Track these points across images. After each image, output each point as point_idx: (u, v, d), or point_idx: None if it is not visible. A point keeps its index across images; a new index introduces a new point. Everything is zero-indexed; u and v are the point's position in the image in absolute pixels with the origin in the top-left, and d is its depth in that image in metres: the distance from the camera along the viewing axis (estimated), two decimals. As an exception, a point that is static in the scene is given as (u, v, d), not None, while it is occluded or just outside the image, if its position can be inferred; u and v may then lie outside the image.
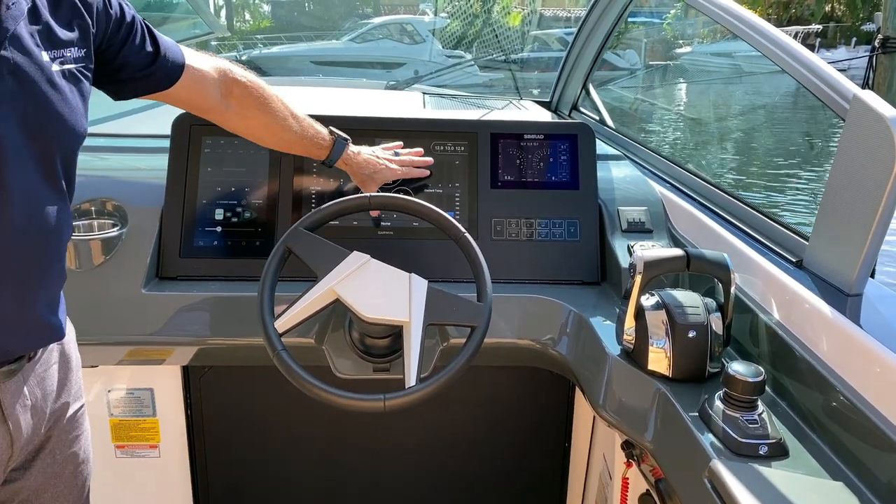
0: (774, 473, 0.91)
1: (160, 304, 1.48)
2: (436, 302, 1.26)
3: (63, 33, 0.97)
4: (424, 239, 1.58)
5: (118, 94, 1.20)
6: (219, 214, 1.59)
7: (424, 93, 2.78)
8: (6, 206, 0.89)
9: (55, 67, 0.95)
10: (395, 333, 1.38)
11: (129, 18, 1.12)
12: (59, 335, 1.06)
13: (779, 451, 0.96)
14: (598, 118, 2.50)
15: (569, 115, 2.60)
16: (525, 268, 1.59)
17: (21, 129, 0.90)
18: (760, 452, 0.95)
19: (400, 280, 1.28)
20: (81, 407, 1.18)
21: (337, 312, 1.47)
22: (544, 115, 2.51)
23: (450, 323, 1.33)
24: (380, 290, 1.27)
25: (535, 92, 2.87)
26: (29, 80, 0.90)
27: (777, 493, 0.87)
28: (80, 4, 1.01)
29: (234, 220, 1.59)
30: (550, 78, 2.73)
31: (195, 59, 1.26)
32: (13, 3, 0.89)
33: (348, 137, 1.51)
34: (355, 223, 1.60)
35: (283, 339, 1.23)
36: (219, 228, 1.59)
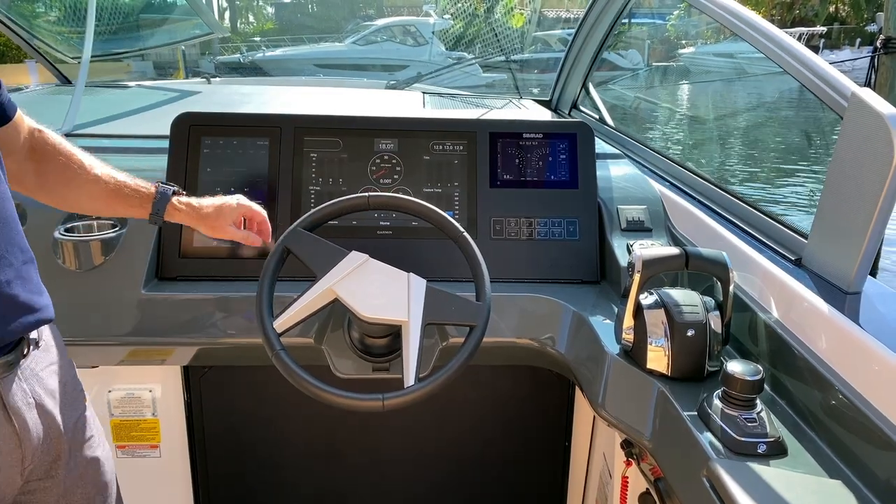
0: (773, 472, 0.91)
1: (160, 305, 1.49)
2: (435, 301, 1.26)
3: None
4: (423, 238, 1.58)
5: None
6: (218, 214, 1.59)
7: (424, 92, 2.79)
8: None
9: None
10: (393, 333, 1.38)
11: None
12: (44, 315, 1.04)
13: (777, 450, 0.96)
14: (597, 117, 2.50)
15: (568, 114, 2.60)
16: (524, 267, 1.59)
17: None
18: (759, 451, 0.95)
19: (399, 279, 1.28)
20: (85, 409, 1.19)
21: (336, 312, 1.47)
22: (544, 114, 2.51)
23: (449, 322, 1.33)
24: (378, 290, 1.27)
25: (535, 91, 2.87)
26: None
27: (775, 491, 0.87)
28: None
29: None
30: (551, 79, 2.73)
31: (22, 117, 1.18)
32: None
33: (175, 186, 1.33)
34: (354, 223, 1.60)
35: (283, 339, 1.23)
36: None
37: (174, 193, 1.32)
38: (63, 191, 1.25)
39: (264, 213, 1.42)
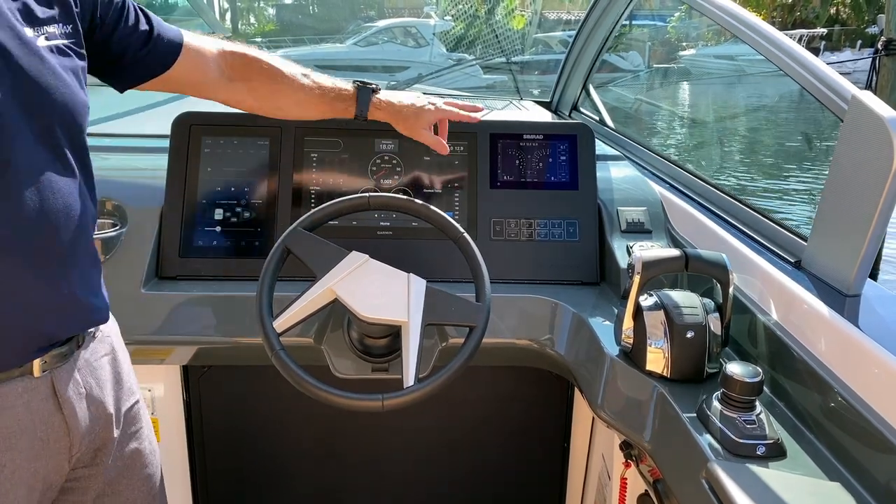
0: (772, 474, 0.91)
1: (159, 304, 1.49)
2: (434, 302, 1.26)
3: (42, 11, 0.97)
4: (423, 239, 1.58)
5: (121, 82, 1.20)
6: (218, 214, 1.60)
7: (425, 93, 2.78)
8: (15, 186, 0.89)
9: (41, 43, 0.94)
10: (393, 333, 1.38)
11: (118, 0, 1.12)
12: (101, 317, 1.08)
13: (776, 452, 0.96)
14: (597, 118, 2.50)
15: (569, 116, 2.60)
16: (524, 268, 1.59)
17: (19, 106, 0.90)
18: (758, 453, 0.95)
19: (399, 280, 1.28)
20: (137, 402, 1.20)
21: (336, 312, 1.47)
22: (544, 115, 2.51)
23: (448, 323, 1.33)
24: (378, 290, 1.27)
25: (536, 93, 2.87)
26: (16, 57, 0.90)
27: (774, 493, 0.87)
28: None
29: (234, 219, 1.60)
30: (552, 80, 2.73)
31: (190, 37, 1.25)
32: None
33: (376, 84, 1.43)
34: (354, 223, 1.60)
35: (282, 339, 1.23)
36: (218, 228, 1.59)
37: (373, 91, 1.41)
38: (275, 102, 1.37)
39: (471, 116, 1.49)
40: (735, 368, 1.00)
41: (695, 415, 1.05)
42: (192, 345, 1.52)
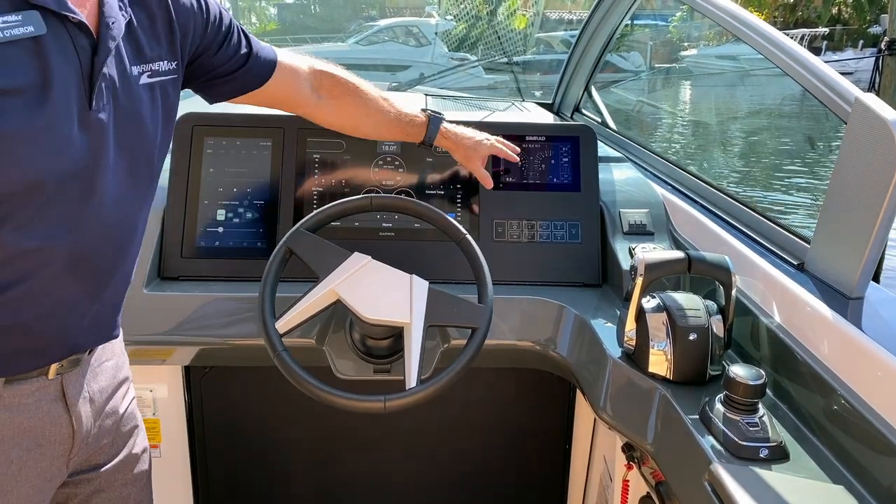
0: (775, 477, 0.91)
1: (162, 305, 1.49)
2: (437, 303, 1.26)
3: (152, 48, 1.01)
4: (426, 240, 1.58)
5: (213, 96, 1.26)
6: (220, 215, 1.60)
7: (427, 94, 2.78)
8: (101, 210, 0.95)
9: (142, 81, 0.99)
10: (395, 335, 1.38)
11: (226, 22, 1.17)
12: (116, 334, 1.12)
13: (779, 455, 0.96)
14: (599, 120, 2.49)
15: (571, 117, 2.60)
16: (526, 270, 1.59)
17: (115, 139, 0.95)
18: (761, 455, 0.95)
19: (401, 281, 1.28)
20: (132, 401, 1.22)
21: (338, 313, 1.47)
22: (546, 117, 2.50)
23: (450, 324, 1.33)
24: (381, 292, 1.27)
25: (538, 94, 2.86)
26: (121, 94, 0.95)
27: (777, 496, 0.87)
28: (174, 18, 1.05)
29: (236, 220, 1.60)
30: (553, 80, 2.73)
31: (284, 55, 1.31)
32: (114, 22, 0.93)
33: (443, 114, 1.52)
34: (356, 224, 1.60)
35: (284, 340, 1.23)
36: (220, 229, 1.59)
37: (441, 121, 1.51)
38: (356, 121, 1.45)
39: (516, 158, 1.57)
40: (738, 371, 1.00)
41: (697, 417, 1.05)
42: (193, 345, 1.52)
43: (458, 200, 1.63)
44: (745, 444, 0.96)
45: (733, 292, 1.17)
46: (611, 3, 2.21)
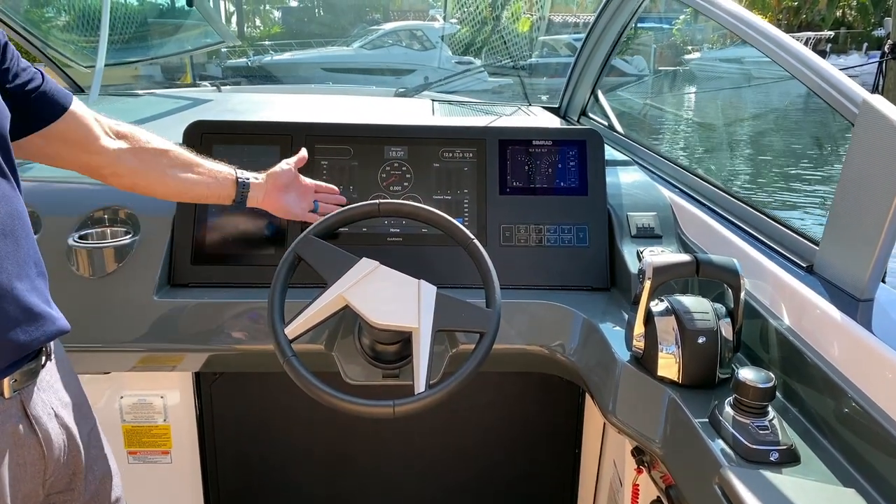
0: (785, 480, 0.91)
1: (172, 311, 1.50)
2: (445, 308, 1.26)
3: None
4: (433, 245, 1.59)
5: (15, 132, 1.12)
6: (229, 222, 1.60)
7: (433, 100, 2.79)
8: None
9: None
10: (404, 339, 1.38)
11: (2, 41, 1.07)
12: (62, 325, 1.06)
13: (789, 458, 0.95)
14: (606, 123, 2.50)
15: (577, 121, 2.60)
16: (534, 274, 1.59)
17: None
18: (771, 459, 0.95)
19: (409, 286, 1.29)
20: (95, 421, 1.21)
21: (346, 319, 1.47)
22: (553, 121, 2.51)
23: (459, 329, 1.33)
24: (389, 297, 1.27)
25: (544, 98, 2.87)
26: None
27: (788, 500, 0.86)
28: None
29: (245, 227, 1.60)
30: (559, 84, 2.73)
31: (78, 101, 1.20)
32: None
33: (250, 178, 1.43)
34: (364, 230, 1.61)
35: (293, 346, 1.23)
36: (230, 236, 1.60)
37: (248, 186, 1.42)
38: (155, 182, 1.31)
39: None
40: (747, 374, 1.00)
41: (707, 420, 1.05)
42: (203, 352, 1.52)
43: (466, 205, 1.64)
44: (755, 447, 0.96)
45: (742, 295, 1.17)
46: (616, 6, 2.21)
